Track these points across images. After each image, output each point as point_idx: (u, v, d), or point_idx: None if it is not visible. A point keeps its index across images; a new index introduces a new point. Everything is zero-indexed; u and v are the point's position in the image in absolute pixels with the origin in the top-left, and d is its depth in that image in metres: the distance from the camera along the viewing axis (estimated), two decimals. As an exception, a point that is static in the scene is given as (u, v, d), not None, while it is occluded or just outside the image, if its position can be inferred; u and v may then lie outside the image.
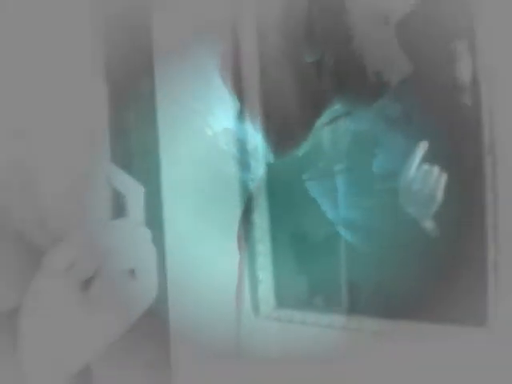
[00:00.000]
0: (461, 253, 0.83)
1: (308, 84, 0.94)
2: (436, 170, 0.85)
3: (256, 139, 0.98)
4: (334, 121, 0.93)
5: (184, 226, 1.04)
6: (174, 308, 1.03)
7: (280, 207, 0.98)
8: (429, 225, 0.87)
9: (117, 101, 1.05)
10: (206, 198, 1.02)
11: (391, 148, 0.89)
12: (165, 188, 1.03)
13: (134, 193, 0.64)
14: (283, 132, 0.97)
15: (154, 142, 1.03)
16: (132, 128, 1.05)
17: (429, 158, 0.85)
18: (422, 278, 0.87)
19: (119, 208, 0.64)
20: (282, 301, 1.01)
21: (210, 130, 1.01)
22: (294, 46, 0.94)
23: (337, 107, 0.92)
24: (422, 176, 0.85)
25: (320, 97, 0.93)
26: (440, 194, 0.85)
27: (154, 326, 1.01)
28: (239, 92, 0.98)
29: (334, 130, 0.93)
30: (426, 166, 0.85)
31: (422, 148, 0.85)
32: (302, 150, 0.96)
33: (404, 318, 0.88)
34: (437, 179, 0.85)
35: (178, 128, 1.04)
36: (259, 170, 0.98)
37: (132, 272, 0.61)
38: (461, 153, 0.83)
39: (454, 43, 0.82)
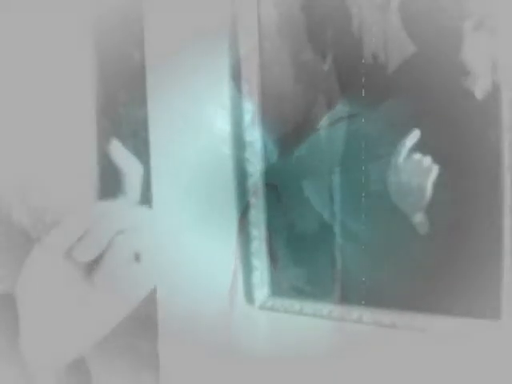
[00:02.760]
0: (473, 244, 0.80)
1: (309, 78, 0.90)
2: (427, 160, 0.81)
3: (252, 126, 0.94)
4: (335, 122, 0.89)
5: (172, 211, 1.01)
6: (163, 298, 1.00)
7: (276, 192, 0.95)
8: (419, 219, 0.83)
9: (106, 78, 1.01)
10: (199, 181, 0.99)
11: (388, 150, 0.85)
12: (154, 172, 1.00)
13: (134, 171, 0.61)
14: (283, 130, 0.94)
15: (144, 120, 0.99)
16: (121, 108, 1.01)
17: (424, 150, 0.82)
18: (429, 270, 0.84)
19: (115, 184, 0.61)
20: (276, 289, 0.96)
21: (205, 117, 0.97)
22: (292, 28, 0.90)
23: (338, 108, 0.88)
24: (412, 166, 0.82)
25: (321, 93, 0.89)
26: (429, 187, 0.81)
27: (141, 316, 0.98)
28: (238, 87, 0.94)
29: (333, 130, 0.89)
30: (416, 156, 0.81)
31: (413, 137, 0.81)
32: (301, 150, 0.92)
33: (409, 310, 0.85)
34: (427, 170, 0.81)
35: (169, 113, 1.01)
36: (257, 165, 0.94)
37: (137, 255, 0.59)
38: (467, 148, 0.79)
39: (461, 22, 0.77)
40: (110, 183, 0.99)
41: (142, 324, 1.03)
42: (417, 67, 0.82)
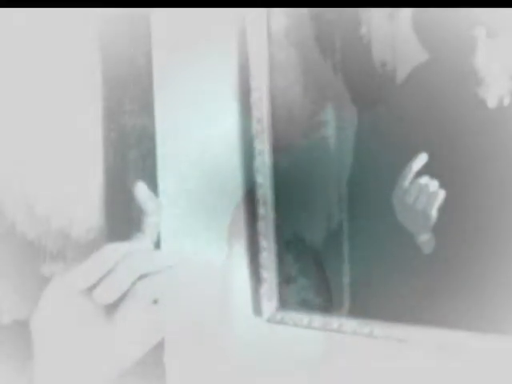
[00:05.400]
0: (485, 260, 0.79)
1: (318, 86, 0.89)
2: (434, 185, 0.80)
3: (262, 135, 0.92)
4: (344, 131, 0.88)
5: (179, 218, 0.99)
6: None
7: (285, 203, 0.93)
8: (424, 239, 0.82)
9: (112, 85, 1.00)
10: (207, 191, 0.97)
11: (392, 157, 0.84)
12: (161, 181, 0.98)
13: (155, 212, 0.64)
14: (289, 129, 0.92)
15: (151, 128, 0.98)
16: (127, 115, 1.00)
17: (431, 170, 0.80)
18: (438, 285, 0.82)
19: (135, 223, 0.64)
20: (285, 302, 0.94)
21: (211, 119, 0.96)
22: (301, 35, 0.89)
23: (347, 116, 0.87)
24: (417, 189, 0.81)
25: (330, 101, 0.88)
26: (434, 211, 0.80)
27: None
28: (247, 95, 0.92)
29: (342, 139, 0.88)
30: (423, 180, 0.80)
31: (420, 160, 0.80)
32: (310, 159, 0.91)
33: (419, 324, 0.83)
34: (432, 195, 0.80)
35: (176, 121, 0.99)
36: (266, 175, 0.92)
37: (155, 299, 0.60)
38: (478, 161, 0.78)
39: (474, 30, 0.76)
40: (114, 193, 0.99)
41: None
42: (427, 75, 0.81)
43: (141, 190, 0.63)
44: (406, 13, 0.80)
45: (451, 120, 0.79)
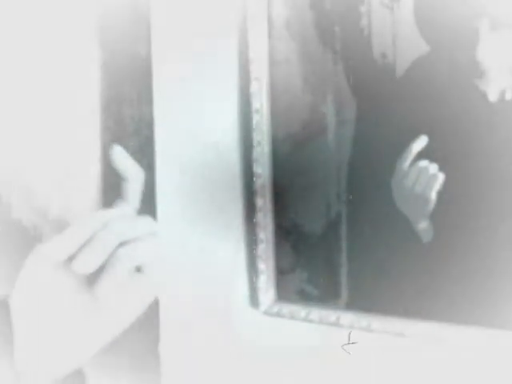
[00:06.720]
0: (483, 254, 0.78)
1: (318, 78, 0.88)
2: (433, 167, 0.79)
3: (261, 125, 0.92)
4: (343, 122, 0.87)
5: (177, 212, 0.99)
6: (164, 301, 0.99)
7: (284, 194, 0.92)
8: (423, 226, 0.81)
9: (111, 75, 0.99)
10: (205, 181, 0.97)
11: (391, 149, 0.83)
12: (159, 171, 0.98)
13: (136, 178, 0.61)
14: (291, 130, 0.91)
15: (149, 118, 0.97)
16: (126, 106, 0.99)
17: (432, 153, 0.80)
18: (436, 277, 0.82)
19: (117, 188, 0.61)
20: (283, 294, 0.94)
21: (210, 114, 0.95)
22: (301, 26, 0.88)
23: (346, 107, 0.86)
24: (416, 172, 0.80)
25: (330, 92, 0.87)
26: (433, 195, 0.79)
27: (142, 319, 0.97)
28: (247, 86, 0.92)
29: (341, 131, 0.87)
30: (422, 163, 0.80)
31: (420, 142, 0.80)
32: (309, 150, 0.90)
33: (417, 318, 0.83)
34: (432, 178, 0.79)
35: (175, 112, 0.99)
36: (265, 166, 0.92)
37: (138, 267, 0.58)
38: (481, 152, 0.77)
39: (477, 21, 0.75)
40: (112, 181, 0.98)
41: (143, 326, 1.01)
42: (428, 67, 0.80)
43: (118, 154, 0.60)
44: (406, 4, 0.80)
45: (451, 113, 0.78)
